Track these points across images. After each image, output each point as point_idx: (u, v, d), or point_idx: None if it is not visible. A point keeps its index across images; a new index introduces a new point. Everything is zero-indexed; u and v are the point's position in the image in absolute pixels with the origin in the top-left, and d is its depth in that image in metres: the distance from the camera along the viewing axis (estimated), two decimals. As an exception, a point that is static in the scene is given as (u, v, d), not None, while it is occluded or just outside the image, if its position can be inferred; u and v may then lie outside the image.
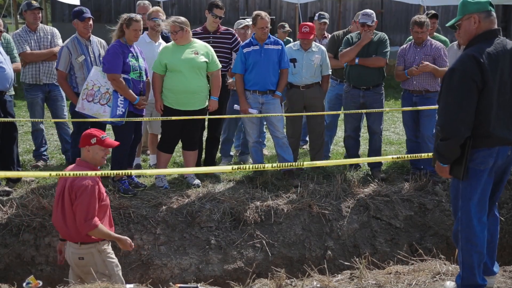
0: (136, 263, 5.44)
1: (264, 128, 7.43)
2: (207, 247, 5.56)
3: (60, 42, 6.95)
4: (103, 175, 4.31)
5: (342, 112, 6.95)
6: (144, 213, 5.67)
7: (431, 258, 4.51)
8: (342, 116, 7.84)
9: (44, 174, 5.54)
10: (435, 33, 7.25)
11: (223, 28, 6.79)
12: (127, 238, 4.51)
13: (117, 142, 4.62)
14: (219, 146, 7.18)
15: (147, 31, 6.65)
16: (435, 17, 7.28)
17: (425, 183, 6.41)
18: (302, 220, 5.89)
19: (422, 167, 6.60)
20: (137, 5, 7.25)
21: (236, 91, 6.55)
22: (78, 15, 6.15)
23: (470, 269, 3.61)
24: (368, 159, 6.79)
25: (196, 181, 6.30)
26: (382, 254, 5.82)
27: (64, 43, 6.22)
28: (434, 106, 6.22)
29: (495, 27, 3.56)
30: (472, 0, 3.54)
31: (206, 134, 6.92)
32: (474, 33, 3.54)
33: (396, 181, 6.62)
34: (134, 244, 5.45)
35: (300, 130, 7.10)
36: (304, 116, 7.03)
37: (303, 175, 6.62)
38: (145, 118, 6.20)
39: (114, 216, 5.55)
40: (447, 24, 3.80)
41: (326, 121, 7.39)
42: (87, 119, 5.85)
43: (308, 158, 7.23)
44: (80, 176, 4.10)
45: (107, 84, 5.82)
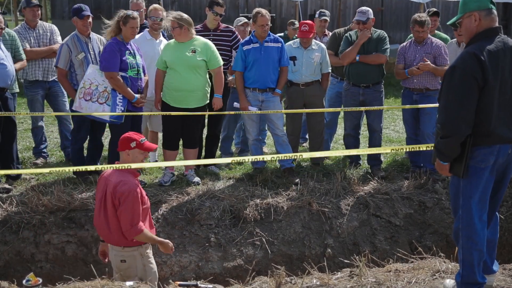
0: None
1: (266, 126, 7.42)
2: (207, 244, 5.57)
3: (60, 39, 6.94)
4: (103, 169, 4.30)
5: (341, 109, 6.94)
6: (144, 210, 5.66)
7: (430, 256, 4.51)
8: (342, 114, 7.84)
9: (44, 170, 5.54)
10: (436, 30, 7.24)
11: (223, 25, 6.78)
12: (169, 242, 4.42)
13: (155, 145, 4.52)
14: (219, 144, 7.18)
15: (147, 29, 6.65)
16: (436, 14, 7.26)
17: (425, 181, 6.41)
18: (302, 218, 5.89)
19: (422, 165, 6.60)
20: (130, 1, 7.23)
21: (236, 88, 6.54)
22: (77, 12, 6.13)
23: (470, 267, 3.61)
24: (366, 149, 6.78)
25: (196, 178, 6.30)
26: (381, 252, 5.82)
27: (64, 41, 6.21)
28: (434, 104, 6.22)
29: (496, 25, 3.55)
30: None
31: (206, 131, 6.92)
32: (475, 31, 3.54)
33: (396, 179, 6.61)
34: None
35: (299, 128, 7.10)
36: (304, 113, 7.03)
37: (303, 173, 6.62)
38: (143, 113, 6.18)
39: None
40: (448, 23, 3.80)
41: (326, 119, 7.39)
42: (85, 113, 5.83)
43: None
44: (123, 181, 4.05)
45: (104, 83, 5.80)
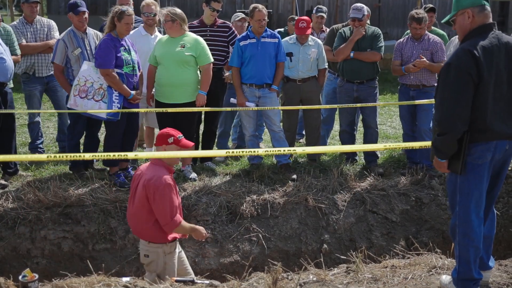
0: (132, 257, 5.44)
1: (263, 122, 7.40)
2: (204, 240, 5.56)
3: (57, 35, 6.91)
4: (98, 158, 4.29)
5: (337, 106, 6.94)
6: (140, 206, 5.65)
7: (427, 252, 4.52)
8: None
9: (42, 158, 5.47)
10: (433, 27, 7.23)
11: (220, 21, 6.76)
12: (202, 228, 4.47)
13: (192, 143, 4.56)
14: (216, 140, 7.17)
15: (142, 24, 6.63)
16: (432, 10, 7.25)
17: (421, 177, 6.41)
18: (298, 214, 5.89)
19: (419, 161, 6.61)
20: None
21: (233, 84, 6.53)
22: (73, 8, 6.11)
23: (467, 263, 3.62)
24: (360, 146, 6.78)
25: (193, 174, 6.29)
26: (378, 248, 5.83)
27: (60, 36, 6.19)
28: (430, 100, 6.23)
29: (490, 21, 3.56)
30: None
31: (202, 127, 6.91)
32: (468, 27, 3.55)
33: (392, 175, 6.62)
34: (130, 237, 5.46)
35: (296, 124, 7.10)
36: (301, 110, 7.03)
37: (299, 169, 6.62)
38: (140, 110, 6.17)
39: (110, 209, 5.56)
40: (443, 21, 3.81)
41: (323, 115, 7.38)
42: (80, 111, 5.81)
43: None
44: (157, 176, 4.09)
45: (100, 80, 5.77)
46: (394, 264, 4.28)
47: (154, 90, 6.19)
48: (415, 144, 4.93)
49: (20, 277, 3.59)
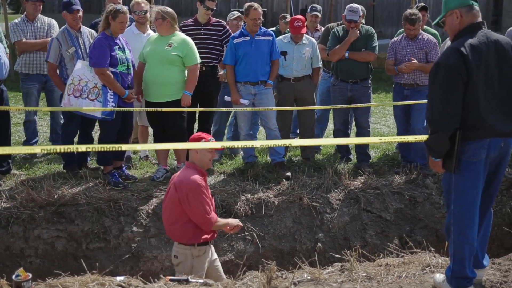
0: (127, 256, 5.43)
1: (258, 121, 7.40)
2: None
3: (55, 34, 6.89)
4: (91, 150, 4.26)
5: (331, 107, 6.94)
6: (135, 205, 5.65)
7: (421, 251, 4.52)
8: (333, 109, 7.84)
9: (35, 150, 5.40)
10: (425, 26, 7.21)
11: (214, 20, 6.75)
12: (235, 220, 4.58)
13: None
14: (210, 138, 7.14)
15: (134, 23, 6.61)
16: (424, 9, 7.21)
17: (415, 176, 6.43)
18: (292, 213, 5.89)
19: (413, 160, 6.62)
20: None
21: (227, 82, 6.52)
22: (67, 6, 6.09)
23: (461, 261, 3.63)
24: (354, 139, 6.79)
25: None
26: (372, 246, 5.84)
27: (54, 35, 6.17)
28: (423, 101, 6.24)
29: (479, 20, 3.61)
30: None
31: (197, 126, 6.90)
32: (458, 27, 3.60)
33: (386, 174, 6.63)
34: (124, 236, 5.45)
35: (290, 123, 7.10)
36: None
37: (294, 168, 6.62)
38: (134, 108, 6.15)
39: (104, 208, 5.55)
40: (433, 22, 3.86)
41: (317, 114, 7.39)
42: (75, 109, 5.79)
43: (299, 151, 7.23)
44: (188, 177, 4.21)
45: (94, 79, 5.74)
46: (388, 263, 4.29)
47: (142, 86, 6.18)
48: (411, 138, 4.97)
49: (13, 276, 3.57)
